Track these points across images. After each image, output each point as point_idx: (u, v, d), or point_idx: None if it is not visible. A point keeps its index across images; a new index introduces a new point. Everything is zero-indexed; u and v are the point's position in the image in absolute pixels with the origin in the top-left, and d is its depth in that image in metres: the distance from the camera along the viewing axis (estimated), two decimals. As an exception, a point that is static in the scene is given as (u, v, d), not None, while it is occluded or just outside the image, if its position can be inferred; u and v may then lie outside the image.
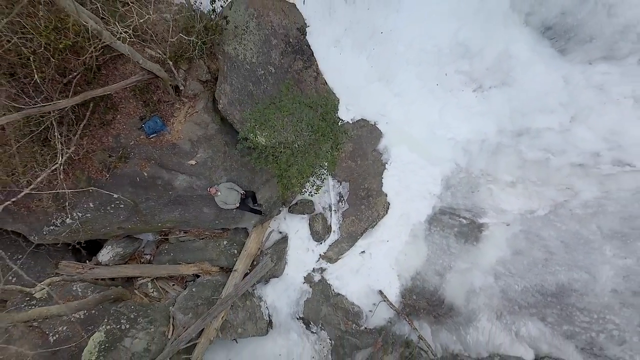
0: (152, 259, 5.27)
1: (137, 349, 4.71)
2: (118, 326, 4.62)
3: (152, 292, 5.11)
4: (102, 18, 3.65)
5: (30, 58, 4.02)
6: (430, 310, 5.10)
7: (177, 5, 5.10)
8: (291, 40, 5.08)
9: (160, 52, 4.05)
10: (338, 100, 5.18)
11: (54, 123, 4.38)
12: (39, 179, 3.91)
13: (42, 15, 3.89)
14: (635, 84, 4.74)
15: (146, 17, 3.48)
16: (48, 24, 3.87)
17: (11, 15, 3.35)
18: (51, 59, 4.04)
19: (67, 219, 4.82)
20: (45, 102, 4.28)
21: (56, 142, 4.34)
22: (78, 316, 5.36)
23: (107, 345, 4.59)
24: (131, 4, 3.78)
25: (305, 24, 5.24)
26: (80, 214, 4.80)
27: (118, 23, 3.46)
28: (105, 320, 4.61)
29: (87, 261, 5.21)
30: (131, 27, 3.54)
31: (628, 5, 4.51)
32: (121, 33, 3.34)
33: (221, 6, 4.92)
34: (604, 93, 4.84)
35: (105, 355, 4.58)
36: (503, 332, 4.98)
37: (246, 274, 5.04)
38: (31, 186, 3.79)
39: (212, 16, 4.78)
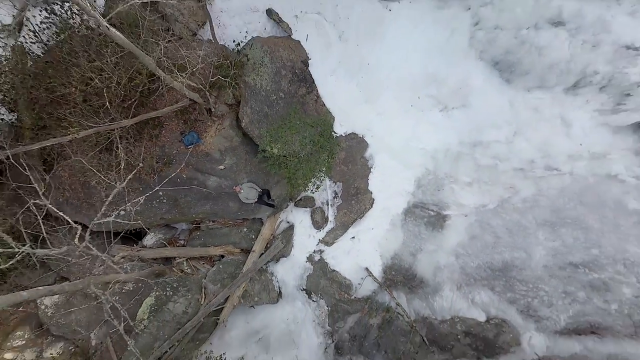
0: (185, 243, 6.64)
1: (177, 311, 6.08)
2: (164, 293, 5.99)
3: (187, 269, 6.47)
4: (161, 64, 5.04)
5: (104, 90, 5.39)
6: (406, 282, 6.49)
7: (207, 42, 6.50)
8: (297, 71, 6.47)
9: (201, 85, 5.43)
10: (333, 119, 6.57)
11: (117, 137, 5.75)
12: (128, 177, 5.21)
13: (115, 62, 5.27)
14: (561, 107, 6.16)
15: (197, 67, 4.86)
16: (123, 69, 5.25)
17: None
18: (119, 91, 5.42)
19: (122, 212, 6.17)
20: (111, 122, 5.65)
21: (119, 152, 5.70)
22: (128, 288, 6.74)
23: (155, 307, 5.96)
24: (186, 57, 5.14)
25: (308, 57, 6.63)
26: (132, 208, 6.16)
27: (177, 71, 4.84)
28: (155, 288, 5.98)
29: (135, 245, 6.58)
30: (186, 74, 4.91)
31: (553, 48, 5.93)
32: (179, 79, 4.72)
33: (242, 45, 6.33)
34: (539, 113, 6.25)
35: (154, 315, 5.95)
36: (462, 299, 6.38)
37: (261, 254, 6.41)
38: (122, 184, 5.09)
39: (237, 52, 6.17)
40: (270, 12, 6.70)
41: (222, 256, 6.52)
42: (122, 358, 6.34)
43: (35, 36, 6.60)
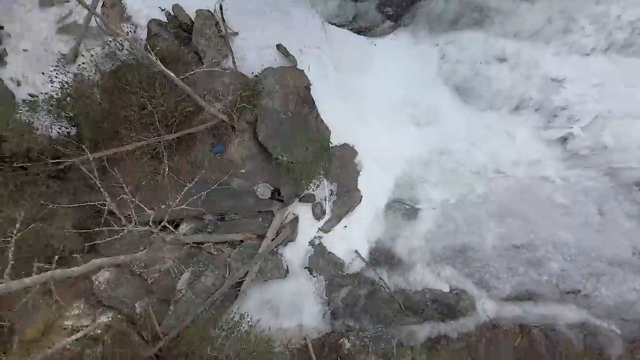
0: (212, 231, 8.32)
1: (207, 284, 7.76)
2: (198, 269, 7.68)
3: (214, 251, 8.15)
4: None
5: (154, 112, 7.07)
6: (387, 261, 8.20)
7: (229, 70, 8.20)
8: (301, 94, 8.17)
9: (229, 110, 7.13)
10: (330, 132, 8.28)
11: (162, 148, 7.41)
12: (192, 183, 6.85)
13: (163, 91, 6.95)
14: (506, 124, 7.92)
15: (230, 98, 6.55)
16: (169, 96, 6.94)
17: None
18: (167, 113, 7.10)
19: (162, 206, 7.84)
20: (158, 136, 7.32)
21: (163, 159, 7.36)
22: (164, 268, 8.40)
23: (191, 280, 7.65)
24: (220, 90, 6.82)
25: (310, 84, 8.32)
26: (171, 203, 7.82)
27: (213, 98, 6.53)
28: (191, 265, 7.66)
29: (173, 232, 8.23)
30: (222, 104, 6.61)
31: (498, 79, 7.67)
32: (215, 106, 6.41)
33: (258, 74, 8.03)
34: (489, 129, 8.00)
35: (190, 286, 7.63)
36: (430, 274, 8.10)
37: (273, 240, 8.10)
38: (189, 185, 6.71)
39: (254, 81, 7.88)
40: (279, 47, 8.42)
41: (242, 241, 8.20)
42: (161, 322, 8.01)
43: (95, 65, 8.24)
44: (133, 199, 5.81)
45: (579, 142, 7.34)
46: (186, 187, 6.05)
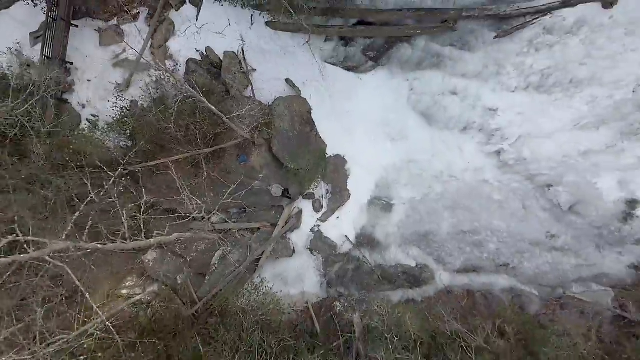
0: (237, 220, 10.89)
1: (234, 260, 10.34)
2: (228, 249, 10.26)
3: (238, 236, 10.73)
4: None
5: (196, 132, 9.62)
6: (369, 244, 10.82)
7: (249, 98, 10.77)
8: (304, 117, 10.77)
9: (251, 130, 9.71)
10: (326, 146, 10.88)
11: (201, 158, 9.96)
12: (231, 188, 9.44)
13: (203, 118, 9.50)
14: (458, 140, 10.55)
15: (255, 124, 9.14)
16: (208, 120, 9.51)
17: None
18: (205, 133, 9.65)
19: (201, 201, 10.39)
20: (198, 150, 9.87)
21: (202, 167, 9.90)
22: (202, 248, 10.96)
23: (221, 257, 10.22)
24: (249, 115, 9.41)
25: (311, 108, 10.91)
26: (207, 198, 10.38)
27: (244, 126, 9.12)
28: (222, 246, 10.24)
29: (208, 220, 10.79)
30: (249, 128, 9.18)
31: (451, 107, 10.32)
32: (244, 129, 8.99)
33: (271, 104, 10.61)
34: (445, 144, 10.63)
35: (221, 261, 10.21)
36: (402, 253, 10.73)
37: (283, 227, 10.70)
38: (233, 186, 9.30)
39: (269, 107, 10.47)
40: (287, 80, 11.01)
41: (259, 228, 10.79)
42: (198, 290, 10.58)
43: (145, 92, 10.74)
44: (191, 195, 8.35)
45: (508, 155, 10.00)
46: (231, 188, 8.59)
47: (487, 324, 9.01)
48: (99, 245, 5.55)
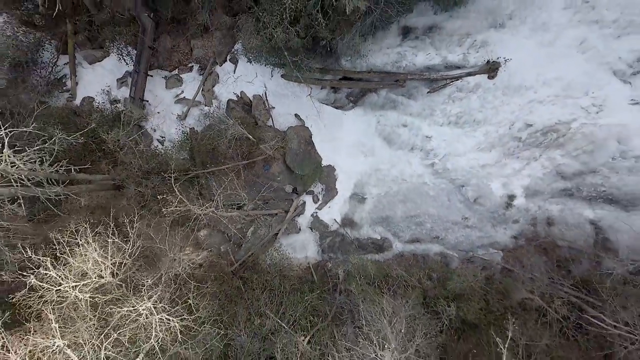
0: (262, 208, 16.23)
1: (260, 234, 15.69)
2: (257, 227, 15.58)
3: (263, 219, 16.08)
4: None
5: (237, 150, 14.92)
6: (350, 224, 16.28)
7: (270, 127, 16.16)
8: (306, 139, 16.21)
9: (272, 149, 15.12)
10: (322, 159, 16.34)
11: (240, 168, 15.23)
12: (262, 191, 14.83)
13: (241, 143, 14.83)
14: (407, 157, 16.13)
15: (272, 142, 14.49)
16: (245, 142, 14.88)
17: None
18: (244, 151, 14.96)
19: (239, 196, 15.69)
20: (237, 162, 15.17)
21: (241, 173, 15.19)
22: (238, 227, 16.30)
23: (253, 231, 15.55)
24: (272, 139, 14.85)
25: (311, 134, 16.36)
26: (245, 195, 15.68)
27: (268, 146, 14.50)
28: (252, 224, 15.57)
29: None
30: (273, 148, 14.57)
31: (404, 134, 15.91)
32: (270, 150, 14.38)
33: (285, 131, 16.02)
34: (399, 159, 16.18)
35: (253, 234, 15.54)
36: (371, 230, 16.22)
37: (292, 213, 16.08)
38: (265, 187, 14.67)
39: (283, 133, 15.87)
40: (296, 115, 16.45)
41: (277, 213, 16.18)
42: (235, 255, 15.93)
43: (200, 122, 16.03)
44: (242, 192, 13.69)
45: (438, 166, 15.58)
46: (263, 189, 13.95)
47: (421, 272, 14.61)
48: (225, 213, 10.90)
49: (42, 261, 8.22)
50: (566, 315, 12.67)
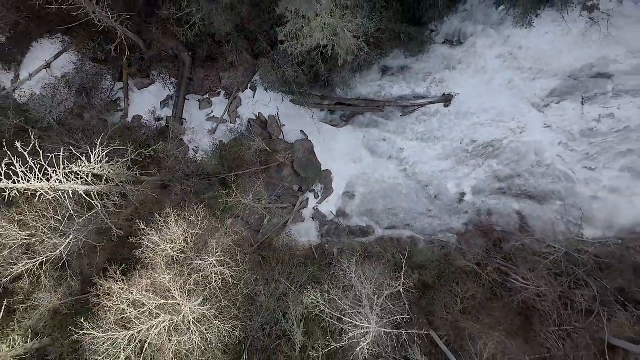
0: (275, 203, 21.07)
1: (275, 222, 20.54)
2: (272, 216, 20.42)
3: (276, 211, 20.92)
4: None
5: (258, 159, 19.72)
6: (342, 215, 21.21)
7: (282, 140, 21.02)
8: (309, 150, 21.10)
9: (284, 157, 20.01)
10: (321, 164, 21.26)
11: (259, 171, 19.99)
12: (276, 192, 19.72)
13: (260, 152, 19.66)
14: (386, 163, 21.19)
15: (284, 153, 19.34)
16: (263, 155, 19.76)
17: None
18: (267, 159, 19.77)
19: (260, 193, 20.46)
20: (257, 167, 19.95)
21: (260, 176, 19.96)
22: (257, 217, 21.10)
23: (269, 220, 20.39)
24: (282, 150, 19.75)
25: (313, 145, 21.26)
26: (264, 192, 20.45)
27: (280, 155, 19.37)
28: (269, 215, 20.41)
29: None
30: (283, 158, 19.45)
31: (384, 147, 20.97)
32: (281, 158, 19.25)
33: (293, 144, 20.90)
34: (380, 165, 21.21)
35: (268, 223, 20.38)
36: (359, 219, 21.16)
37: (298, 207, 20.93)
38: (280, 186, 19.53)
39: (292, 145, 20.76)
40: (301, 131, 21.36)
41: (286, 207, 21.05)
42: (254, 237, 20.77)
43: (227, 135, 20.80)
44: (262, 190, 18.55)
45: (409, 171, 20.61)
46: (278, 188, 18.84)
47: (394, 250, 19.70)
48: (257, 205, 15.78)
49: (149, 231, 13.15)
50: (495, 279, 17.89)
